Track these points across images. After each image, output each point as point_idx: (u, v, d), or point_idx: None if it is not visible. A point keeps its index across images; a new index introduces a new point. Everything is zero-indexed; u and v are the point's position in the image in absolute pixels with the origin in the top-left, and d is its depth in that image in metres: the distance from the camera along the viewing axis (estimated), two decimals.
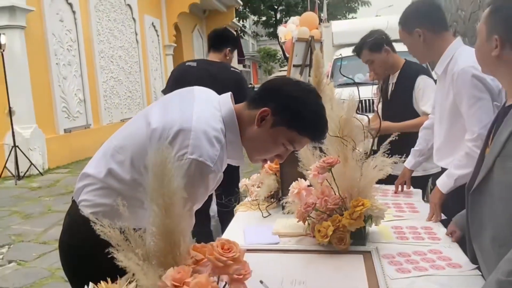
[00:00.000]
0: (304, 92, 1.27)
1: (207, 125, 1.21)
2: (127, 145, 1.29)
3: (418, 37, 1.91)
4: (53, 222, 4.92)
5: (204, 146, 1.18)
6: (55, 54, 8.62)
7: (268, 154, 1.31)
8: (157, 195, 0.94)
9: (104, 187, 1.30)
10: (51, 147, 8.18)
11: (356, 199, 1.47)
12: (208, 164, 1.17)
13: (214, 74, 2.90)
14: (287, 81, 1.33)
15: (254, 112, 1.27)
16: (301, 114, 1.23)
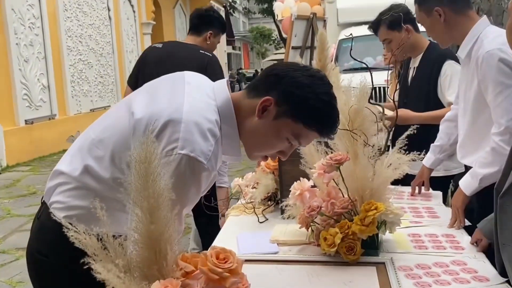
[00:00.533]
0: (314, 79, 1.24)
1: (200, 116, 1.20)
2: (107, 138, 1.28)
3: (438, 17, 1.92)
4: (13, 228, 4.89)
5: (197, 140, 1.17)
6: (15, 33, 8.54)
7: (269, 150, 1.30)
8: (140, 197, 0.93)
9: (80, 187, 1.29)
10: (10, 141, 8.12)
11: (368, 202, 1.47)
12: (200, 161, 1.16)
13: (177, 57, 2.92)
14: (294, 66, 1.30)
15: (255, 101, 1.25)
16: (309, 104, 1.21)
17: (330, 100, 1.24)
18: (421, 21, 2.03)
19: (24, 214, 5.40)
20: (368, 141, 1.51)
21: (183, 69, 2.83)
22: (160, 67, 2.84)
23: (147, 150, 0.95)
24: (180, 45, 3.13)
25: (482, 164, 1.76)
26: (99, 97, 11.50)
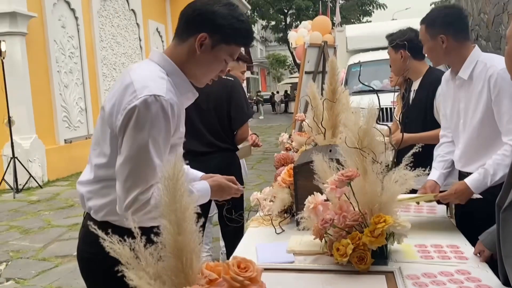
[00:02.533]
0: (228, 6, 1.40)
1: (147, 72, 1.37)
2: (98, 140, 1.43)
3: (440, 43, 1.99)
4: (53, 238, 4.95)
5: (149, 84, 1.31)
6: (57, 62, 8.75)
7: (214, 73, 1.47)
8: (169, 210, 0.94)
9: (99, 186, 1.42)
10: (51, 158, 8.26)
11: (377, 215, 1.46)
12: (159, 94, 1.29)
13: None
14: (209, 1, 1.40)
15: (187, 43, 1.39)
16: (235, 28, 1.38)
17: (244, 18, 1.42)
18: (423, 39, 2.09)
19: (63, 225, 5.47)
20: (377, 158, 1.50)
21: (209, 94, 2.92)
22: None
23: (175, 168, 0.96)
24: None
25: (498, 165, 1.81)
26: None
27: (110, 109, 1.36)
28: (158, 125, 1.30)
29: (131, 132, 1.30)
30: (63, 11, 9.07)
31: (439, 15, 2.03)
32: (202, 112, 2.99)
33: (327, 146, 2.19)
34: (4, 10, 7.48)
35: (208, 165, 2.98)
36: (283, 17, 29.06)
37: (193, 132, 3.00)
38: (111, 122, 1.35)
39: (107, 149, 1.38)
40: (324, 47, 6.43)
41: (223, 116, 3.03)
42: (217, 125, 3.04)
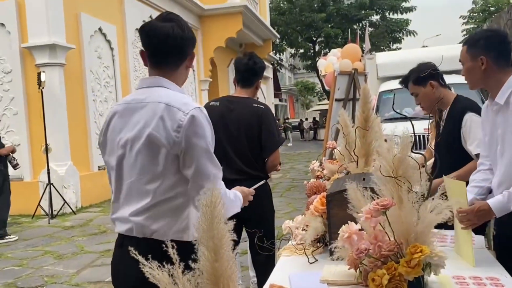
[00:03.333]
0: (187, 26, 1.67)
1: (172, 94, 1.62)
2: (144, 169, 1.59)
3: (480, 65, 2.00)
4: (86, 264, 5.03)
5: (185, 100, 1.58)
6: (92, 91, 9.08)
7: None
8: (207, 237, 0.97)
9: (164, 208, 1.57)
10: (84, 184, 8.47)
11: (414, 245, 1.44)
12: (199, 106, 1.58)
13: (234, 113, 3.03)
14: (184, 28, 1.64)
15: (180, 67, 1.68)
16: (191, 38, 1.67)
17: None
18: (463, 60, 2.09)
19: (95, 251, 5.56)
20: (412, 187, 1.49)
21: (241, 123, 3.01)
22: (220, 123, 2.98)
23: (212, 195, 0.99)
24: (235, 100, 3.14)
25: None
26: None
27: (152, 137, 1.54)
28: (209, 131, 1.59)
29: (194, 143, 1.54)
30: (99, 43, 9.46)
31: (482, 37, 2.03)
32: (233, 140, 3.03)
33: (360, 174, 2.18)
34: (45, 42, 7.87)
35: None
36: (311, 45, 29.35)
37: (224, 159, 3.04)
38: (161, 145, 1.53)
39: (159, 171, 1.55)
40: (355, 74, 6.44)
41: (254, 144, 3.05)
42: (247, 153, 3.06)
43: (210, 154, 1.58)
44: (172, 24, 1.61)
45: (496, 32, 2.09)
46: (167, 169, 1.55)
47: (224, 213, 0.99)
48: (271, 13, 24.66)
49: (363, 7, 26.87)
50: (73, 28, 8.61)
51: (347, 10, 26.91)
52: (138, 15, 10.94)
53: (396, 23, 27.68)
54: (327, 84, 10.12)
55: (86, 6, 9.01)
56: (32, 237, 6.45)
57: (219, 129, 2.97)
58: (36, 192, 7.84)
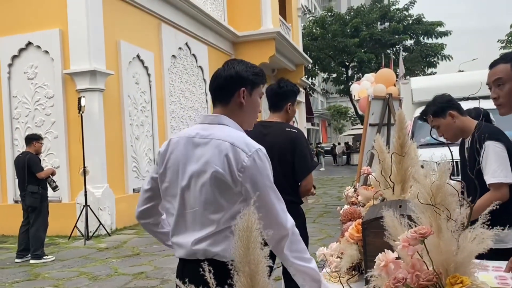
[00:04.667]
0: (241, 62, 1.87)
1: (236, 134, 1.74)
2: (208, 202, 1.70)
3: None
4: (120, 286, 5.09)
5: (247, 141, 1.71)
6: (130, 115, 9.35)
7: (257, 112, 1.91)
8: (243, 263, 0.97)
9: (224, 234, 1.68)
10: (119, 207, 8.64)
11: (454, 276, 1.39)
12: (263, 150, 1.72)
13: (267, 138, 3.02)
14: (232, 64, 1.86)
15: (232, 103, 1.82)
16: (255, 73, 1.85)
17: (254, 65, 1.91)
18: (505, 79, 1.98)
19: (129, 273, 5.62)
20: (451, 215, 1.45)
21: (274, 147, 3.04)
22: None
23: (249, 220, 1.00)
24: (267, 125, 3.17)
25: None
26: None
27: (219, 174, 1.66)
28: (269, 168, 1.74)
29: (255, 181, 1.67)
30: (137, 69, 9.78)
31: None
32: None
33: (396, 201, 2.14)
34: (86, 69, 8.21)
35: None
36: (344, 70, 29.34)
37: None
38: (226, 182, 1.66)
39: (222, 204, 1.67)
40: (389, 99, 6.38)
41: (287, 168, 3.05)
42: (281, 178, 3.05)
43: (272, 189, 1.72)
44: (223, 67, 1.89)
45: None
46: (230, 202, 1.67)
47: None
48: (303, 39, 24.90)
49: (396, 32, 26.76)
50: (112, 55, 8.95)
51: (380, 35, 26.85)
52: (174, 42, 11.28)
53: (431, 47, 27.35)
54: (360, 109, 10.06)
55: (125, 34, 9.38)
56: (68, 258, 6.59)
57: None
58: (73, 214, 8.05)
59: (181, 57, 11.71)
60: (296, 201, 3.10)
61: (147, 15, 10.26)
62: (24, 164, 6.33)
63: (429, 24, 27.07)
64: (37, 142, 6.57)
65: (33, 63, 8.68)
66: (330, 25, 27.59)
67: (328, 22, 27.83)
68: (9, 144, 8.82)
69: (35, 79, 8.67)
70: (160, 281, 5.18)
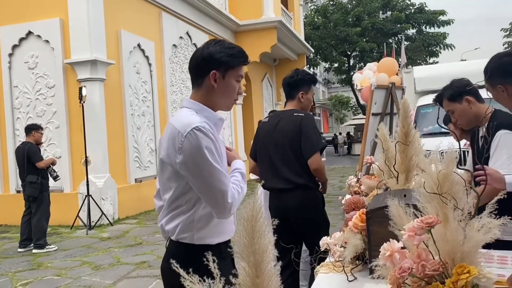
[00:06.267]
0: (217, 43, 1.80)
1: (183, 117, 1.73)
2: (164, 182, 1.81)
3: (502, 92, 1.99)
4: (122, 275, 5.10)
5: (189, 120, 1.68)
6: (131, 105, 9.31)
7: (233, 95, 1.83)
8: (248, 252, 0.95)
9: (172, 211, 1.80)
10: (121, 197, 8.65)
11: (460, 265, 1.37)
12: (199, 126, 1.65)
13: (279, 126, 3.16)
14: (206, 45, 1.81)
15: (204, 85, 1.79)
16: (230, 55, 1.77)
17: (233, 46, 1.83)
18: (487, 89, 2.07)
19: (131, 262, 5.64)
20: (458, 205, 1.43)
21: (284, 133, 3.19)
22: (267, 138, 3.17)
23: (253, 210, 0.98)
24: (281, 115, 3.27)
25: None
26: None
27: (163, 158, 1.75)
28: (207, 153, 1.66)
29: (193, 159, 1.67)
30: (138, 58, 9.73)
31: (494, 66, 2.04)
32: (280, 150, 3.11)
33: (400, 190, 2.12)
34: (87, 58, 8.16)
35: (288, 202, 3.07)
36: (346, 59, 29.18)
37: (271, 169, 3.15)
38: (168, 164, 1.73)
39: (173, 184, 1.74)
40: (392, 88, 6.33)
41: (298, 152, 3.08)
42: (294, 161, 3.11)
43: (208, 166, 1.68)
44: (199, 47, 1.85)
45: (506, 56, 2.05)
46: (176, 182, 1.74)
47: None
48: (305, 28, 24.73)
49: (398, 21, 26.56)
50: (113, 45, 8.89)
51: (382, 24, 26.66)
52: (175, 31, 11.21)
53: (433, 36, 27.17)
54: (363, 98, 10.00)
55: (126, 23, 9.31)
56: (70, 247, 6.61)
57: (268, 142, 3.18)
58: (75, 203, 8.06)
59: (182, 47, 11.64)
60: (309, 184, 3.10)
61: (147, 3, 10.17)
62: (23, 154, 6.31)
63: (432, 13, 26.87)
64: (36, 132, 6.54)
65: (34, 52, 8.63)
66: (332, 14, 27.39)
67: (330, 11, 27.63)
68: (11, 134, 8.81)
69: (36, 69, 8.62)
70: None
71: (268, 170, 3.18)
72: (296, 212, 3.06)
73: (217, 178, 1.67)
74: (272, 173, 3.12)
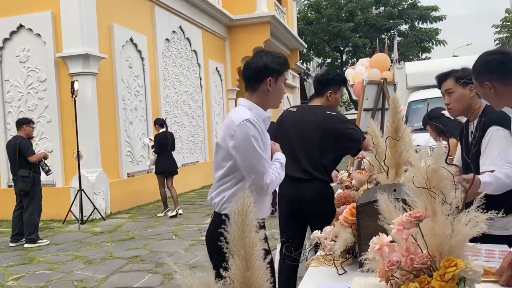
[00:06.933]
0: (268, 54, 2.23)
1: (238, 112, 2.15)
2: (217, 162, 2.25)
3: (489, 89, 1.99)
4: (114, 269, 5.10)
5: (242, 114, 2.11)
6: (123, 99, 9.27)
7: (282, 96, 2.28)
8: (238, 246, 0.96)
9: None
10: (114, 191, 8.63)
11: (448, 259, 1.39)
12: (250, 119, 2.07)
13: (308, 120, 3.28)
14: (259, 56, 2.22)
15: (260, 89, 2.20)
16: (279, 63, 2.21)
17: (279, 55, 2.27)
18: (476, 88, 2.12)
19: (123, 256, 5.64)
20: (446, 199, 1.45)
21: (315, 127, 3.54)
22: (293, 127, 3.28)
23: (244, 204, 0.99)
24: (310, 109, 3.37)
25: None
26: (189, 154, 11.99)
27: (218, 143, 2.20)
28: (254, 141, 2.08)
29: (241, 144, 2.09)
30: (130, 52, 9.67)
31: (481, 64, 2.05)
32: (304, 142, 3.21)
33: (390, 185, 2.14)
34: (79, 52, 8.10)
35: (304, 192, 3.17)
36: (339, 55, 29.20)
37: (291, 158, 3.20)
38: (222, 148, 2.16)
39: (225, 164, 2.16)
40: (384, 84, 6.36)
41: (325, 149, 3.19)
42: (316, 157, 3.20)
43: (254, 151, 2.08)
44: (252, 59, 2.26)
45: (493, 54, 2.06)
46: (226, 161, 2.16)
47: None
48: (298, 23, 24.69)
49: (391, 16, 26.59)
50: (105, 38, 8.83)
51: (375, 20, 26.69)
52: (167, 25, 11.15)
53: (425, 32, 27.25)
54: (355, 94, 10.03)
55: (118, 17, 9.24)
56: (62, 241, 6.59)
57: (292, 131, 3.28)
58: (67, 198, 8.03)
59: (174, 41, 11.58)
60: (326, 179, 3.23)
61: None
62: (15, 148, 6.27)
63: (424, 8, 26.93)
64: (27, 126, 6.49)
65: (25, 46, 8.55)
66: (325, 9, 27.35)
67: (323, 6, 27.58)
68: (2, 128, 8.74)
69: (27, 63, 8.55)
70: (155, 264, 5.20)
71: (287, 158, 3.28)
72: (311, 203, 3.15)
73: (259, 161, 2.07)
74: (292, 161, 3.17)
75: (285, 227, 3.29)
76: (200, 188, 12.04)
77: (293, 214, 3.24)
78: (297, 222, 3.27)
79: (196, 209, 8.98)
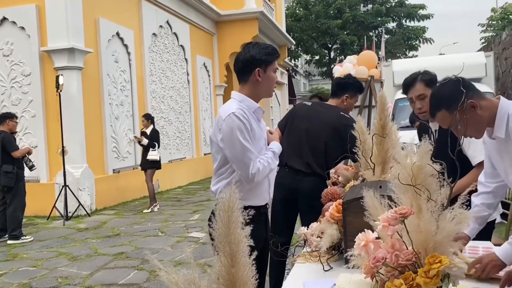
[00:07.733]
0: (256, 46, 2.27)
1: (226, 107, 2.25)
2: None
3: (473, 110, 1.82)
4: (99, 266, 5.06)
5: (229, 108, 2.20)
6: (109, 94, 9.17)
7: (274, 84, 2.33)
8: (224, 243, 0.96)
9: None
10: (99, 187, 8.54)
11: (433, 255, 1.40)
12: (235, 112, 2.14)
13: (321, 116, 3.35)
14: (247, 48, 2.27)
15: (249, 81, 2.26)
16: (267, 53, 2.24)
17: (267, 45, 2.32)
18: (458, 123, 1.88)
19: (109, 253, 5.59)
20: (431, 196, 1.46)
21: (326, 125, 3.51)
22: (304, 122, 3.36)
23: (230, 201, 0.99)
24: (325, 107, 3.47)
25: None
26: (176, 150, 11.93)
27: (211, 137, 2.31)
28: (239, 133, 2.15)
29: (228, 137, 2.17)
30: (116, 47, 9.57)
31: (443, 98, 1.90)
32: (312, 138, 3.28)
33: (376, 182, 2.15)
34: (64, 46, 7.99)
35: (300, 184, 3.26)
36: (327, 52, 29.28)
37: (296, 149, 3.33)
38: (214, 142, 2.25)
39: (217, 156, 2.26)
40: (371, 81, 6.41)
41: (332, 148, 3.26)
42: (322, 155, 3.29)
43: (239, 143, 2.15)
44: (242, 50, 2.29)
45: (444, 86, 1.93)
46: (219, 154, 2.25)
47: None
48: (287, 20, 24.69)
49: (379, 14, 26.74)
50: (91, 33, 8.72)
51: (363, 17, 26.81)
52: (155, 20, 11.06)
53: (412, 30, 27.47)
54: None
55: (104, 11, 9.13)
56: (47, 238, 6.51)
57: (302, 125, 3.36)
58: (51, 194, 7.93)
59: (162, 36, 11.49)
60: (324, 176, 3.27)
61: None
62: None
63: (412, 6, 27.14)
64: (10, 120, 6.38)
65: (9, 39, 8.40)
66: (313, 6, 27.39)
67: (311, 3, 27.62)
68: None
69: (11, 56, 8.40)
70: (141, 261, 5.17)
71: (292, 149, 3.33)
72: (305, 197, 3.19)
73: (244, 152, 2.14)
74: (296, 153, 3.29)
75: (275, 213, 3.27)
76: (186, 184, 11.99)
77: (285, 204, 3.28)
78: (288, 214, 3.32)
79: (183, 205, 8.94)
